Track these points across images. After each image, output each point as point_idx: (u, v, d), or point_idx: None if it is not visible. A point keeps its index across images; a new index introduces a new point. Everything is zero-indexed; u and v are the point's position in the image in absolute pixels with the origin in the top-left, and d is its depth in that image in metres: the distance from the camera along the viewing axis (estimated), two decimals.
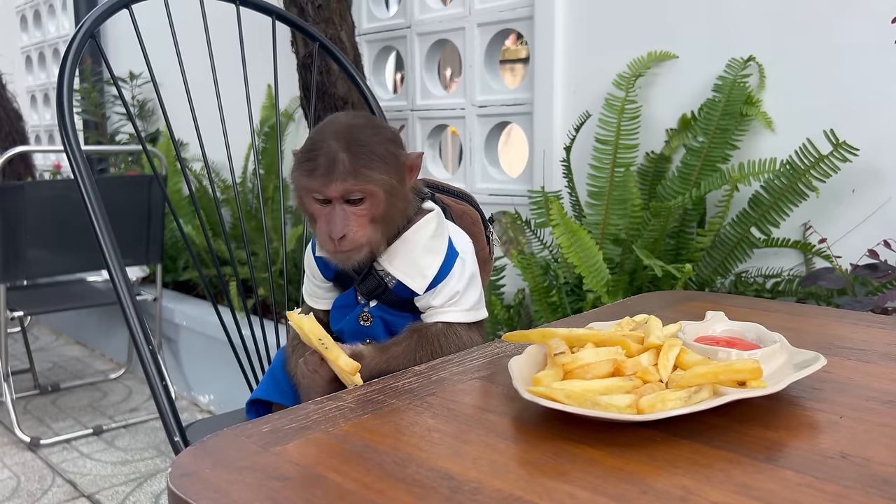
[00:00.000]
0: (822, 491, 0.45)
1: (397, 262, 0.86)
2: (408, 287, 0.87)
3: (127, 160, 3.61)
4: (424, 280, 0.86)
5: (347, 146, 0.80)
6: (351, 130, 0.82)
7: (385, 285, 0.88)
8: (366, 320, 0.90)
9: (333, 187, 0.80)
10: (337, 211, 0.81)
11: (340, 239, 0.80)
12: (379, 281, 0.88)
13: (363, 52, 2.45)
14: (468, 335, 0.88)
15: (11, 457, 2.27)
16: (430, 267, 0.86)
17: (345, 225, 0.80)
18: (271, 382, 0.96)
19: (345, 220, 0.80)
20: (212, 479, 0.49)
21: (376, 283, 0.88)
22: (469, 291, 0.89)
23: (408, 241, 0.86)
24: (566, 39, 1.94)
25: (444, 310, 0.87)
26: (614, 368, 0.60)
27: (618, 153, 1.71)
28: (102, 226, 0.93)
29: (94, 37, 1.03)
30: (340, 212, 0.81)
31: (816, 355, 0.62)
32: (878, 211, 1.47)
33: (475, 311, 0.89)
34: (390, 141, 0.84)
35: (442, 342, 0.86)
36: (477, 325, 0.91)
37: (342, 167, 0.79)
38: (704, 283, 1.60)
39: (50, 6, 4.45)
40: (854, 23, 1.47)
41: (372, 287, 0.88)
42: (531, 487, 0.47)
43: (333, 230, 0.80)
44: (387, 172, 0.81)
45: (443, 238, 0.88)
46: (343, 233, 0.80)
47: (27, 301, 2.53)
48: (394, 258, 0.87)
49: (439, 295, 0.87)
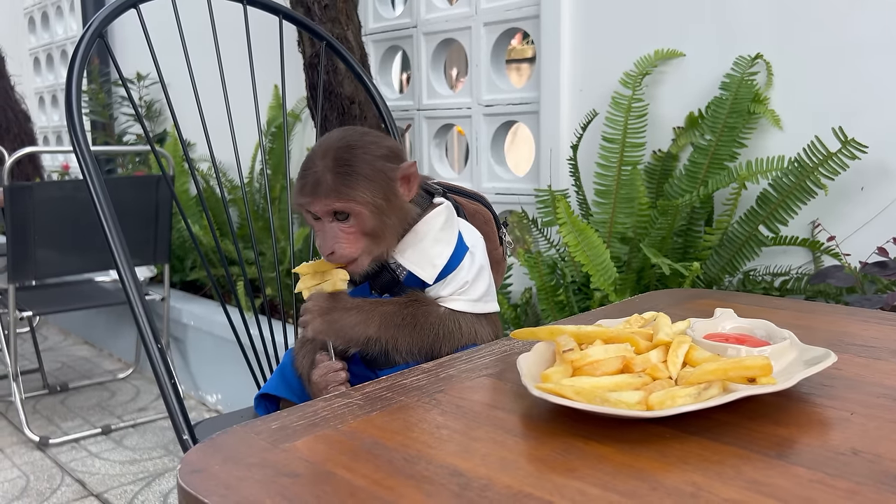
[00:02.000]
0: (834, 487, 0.45)
1: (408, 253, 0.89)
2: (418, 278, 0.88)
3: (134, 160, 3.62)
4: (434, 269, 0.88)
5: (333, 166, 0.84)
6: (339, 150, 0.85)
7: (397, 278, 0.89)
8: None
9: (318, 205, 0.84)
10: (327, 228, 0.85)
11: (330, 254, 0.84)
12: (391, 274, 0.89)
13: (369, 51, 2.45)
14: (471, 326, 0.89)
15: (20, 456, 2.28)
16: (439, 256, 0.88)
17: (334, 241, 0.84)
18: (280, 379, 0.97)
19: (335, 237, 0.84)
20: (221, 476, 0.49)
21: (389, 277, 0.90)
22: (477, 283, 0.90)
23: (417, 233, 0.89)
24: (573, 38, 1.93)
25: (452, 298, 0.89)
26: (623, 365, 0.60)
27: (625, 151, 1.70)
28: (111, 225, 0.93)
29: (102, 37, 1.04)
30: (330, 228, 0.85)
31: (826, 352, 0.61)
32: (888, 208, 1.46)
33: (483, 302, 0.90)
34: (382, 157, 0.85)
35: (439, 326, 0.87)
36: (486, 317, 0.91)
37: (325, 187, 0.83)
38: (712, 281, 1.60)
39: (58, 8, 4.47)
40: (862, 20, 1.47)
41: (385, 281, 0.90)
42: (540, 484, 0.46)
43: (324, 246, 0.85)
44: (370, 190, 0.83)
45: (452, 230, 0.90)
46: (332, 249, 0.84)
47: (36, 301, 2.54)
48: (405, 250, 0.89)
49: (448, 285, 0.89)
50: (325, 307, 0.85)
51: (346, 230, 0.84)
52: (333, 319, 0.85)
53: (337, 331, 0.85)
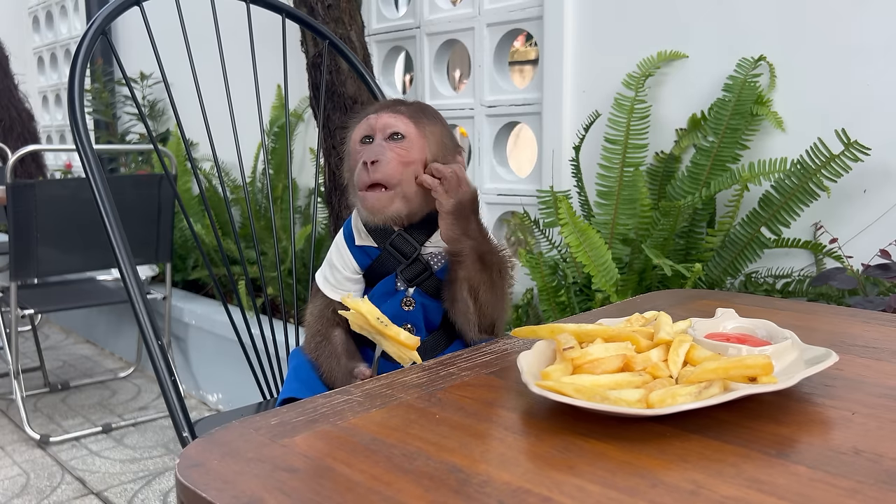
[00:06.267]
0: (835, 486, 0.45)
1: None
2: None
3: (137, 159, 3.63)
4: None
5: (410, 102, 0.88)
6: (417, 102, 0.90)
7: (431, 270, 0.90)
8: (408, 305, 0.91)
9: (384, 117, 0.86)
10: (377, 143, 0.85)
11: (374, 163, 0.83)
12: (425, 265, 0.90)
13: (372, 52, 2.45)
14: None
15: (21, 454, 2.28)
16: None
17: (381, 152, 0.84)
18: (297, 382, 0.95)
19: (381, 150, 0.84)
20: (220, 470, 0.49)
21: (421, 269, 0.90)
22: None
23: None
24: (576, 39, 1.93)
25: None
26: (624, 364, 0.60)
27: (627, 153, 1.70)
28: (114, 224, 0.93)
29: (105, 34, 1.04)
30: (380, 144, 0.85)
31: (828, 352, 0.61)
32: (890, 211, 1.46)
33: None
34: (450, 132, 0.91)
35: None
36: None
37: (399, 106, 0.86)
38: (714, 283, 1.59)
39: (62, 7, 4.48)
40: (866, 22, 1.46)
41: (417, 272, 0.90)
42: (540, 480, 0.46)
43: (368, 154, 0.84)
44: (439, 133, 0.87)
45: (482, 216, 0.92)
46: (377, 157, 0.83)
47: (38, 299, 2.55)
48: (440, 241, 0.89)
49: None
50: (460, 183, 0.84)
51: (398, 150, 0.85)
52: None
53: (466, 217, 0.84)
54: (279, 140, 2.85)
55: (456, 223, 0.84)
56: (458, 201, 0.83)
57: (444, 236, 0.85)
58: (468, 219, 0.85)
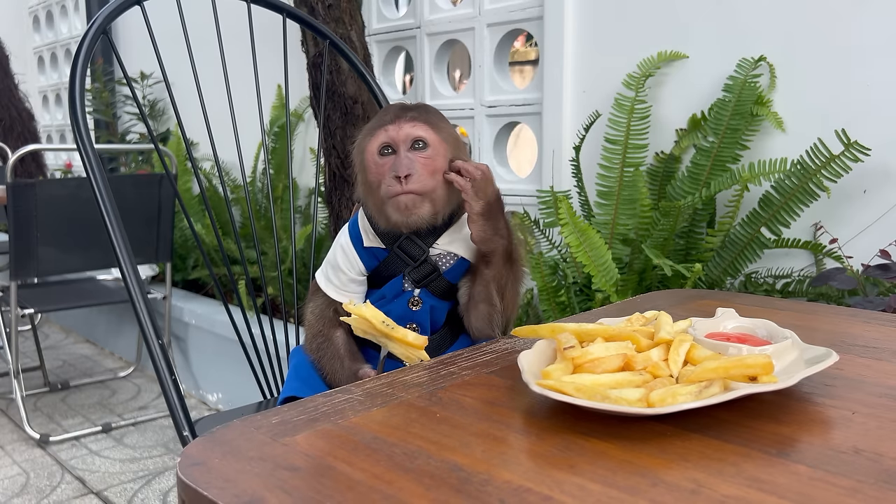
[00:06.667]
0: (835, 485, 0.45)
1: (456, 245, 0.90)
2: (457, 271, 0.90)
3: (137, 159, 3.63)
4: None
5: (418, 106, 0.88)
6: (422, 105, 0.91)
7: (438, 271, 0.90)
8: (415, 304, 0.91)
9: (403, 128, 0.85)
10: (402, 155, 0.85)
11: (407, 176, 0.83)
12: (433, 267, 0.90)
13: (373, 52, 2.45)
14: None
15: (21, 453, 2.28)
16: None
17: (411, 165, 0.84)
18: (298, 381, 0.95)
19: (411, 163, 0.84)
20: (221, 469, 0.49)
21: (429, 270, 0.90)
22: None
23: (464, 224, 0.90)
24: (576, 39, 1.93)
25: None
26: (624, 363, 0.60)
27: (627, 153, 1.70)
28: (114, 223, 0.93)
29: (105, 33, 1.04)
30: (406, 156, 0.85)
31: (828, 351, 0.61)
32: (890, 211, 1.46)
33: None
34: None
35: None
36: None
37: (413, 113, 0.86)
38: (714, 283, 1.59)
39: (62, 7, 4.48)
40: (866, 22, 1.46)
41: (425, 273, 0.90)
42: (541, 479, 0.46)
43: (400, 169, 0.84)
44: (451, 134, 0.88)
45: None
46: (410, 171, 0.83)
47: (38, 299, 2.55)
48: (453, 241, 0.90)
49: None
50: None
51: (424, 159, 0.85)
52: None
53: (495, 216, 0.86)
54: (279, 140, 2.85)
55: (487, 224, 0.85)
56: (486, 202, 0.84)
57: (476, 238, 0.85)
58: (497, 218, 0.86)
